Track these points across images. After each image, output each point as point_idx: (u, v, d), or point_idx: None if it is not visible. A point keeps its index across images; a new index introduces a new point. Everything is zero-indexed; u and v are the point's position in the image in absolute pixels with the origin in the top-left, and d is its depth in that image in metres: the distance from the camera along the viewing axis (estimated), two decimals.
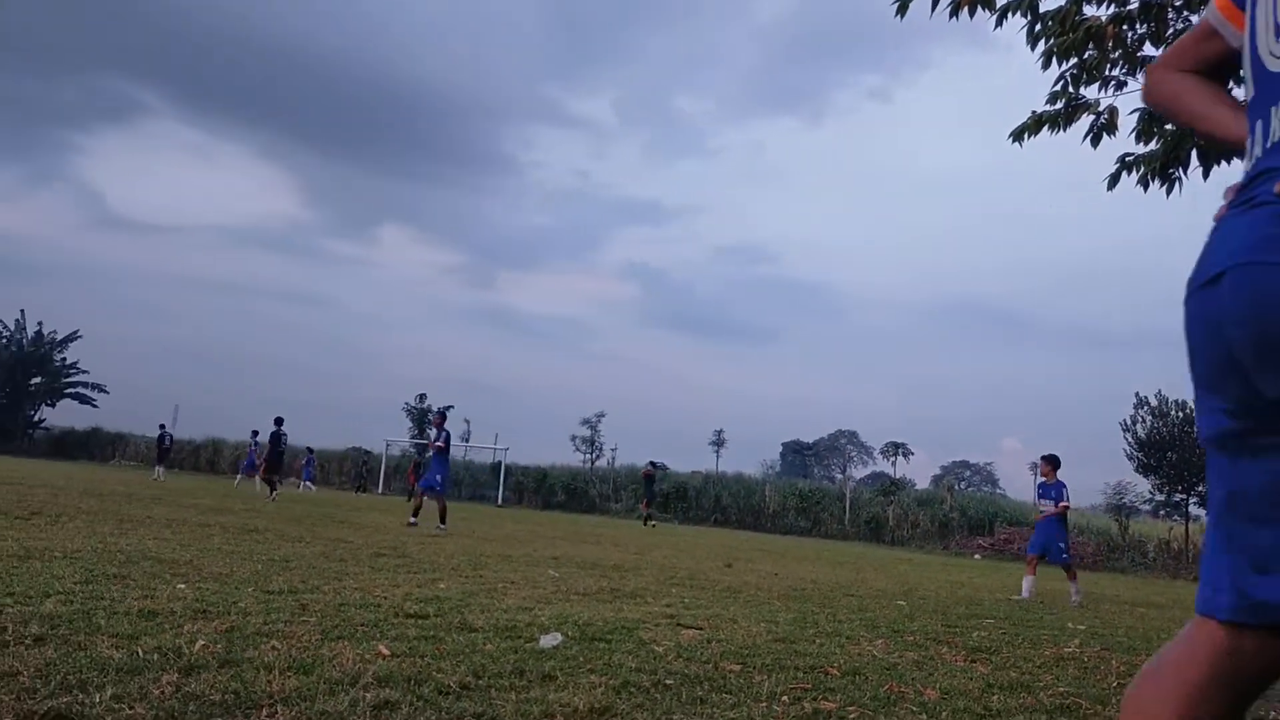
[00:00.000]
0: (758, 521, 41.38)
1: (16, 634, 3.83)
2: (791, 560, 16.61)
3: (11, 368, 60.19)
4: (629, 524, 31.94)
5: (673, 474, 47.40)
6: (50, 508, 11.53)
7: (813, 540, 33.37)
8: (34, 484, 17.83)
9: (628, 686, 3.86)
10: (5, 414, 58.03)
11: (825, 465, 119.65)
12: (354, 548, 9.94)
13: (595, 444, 55.36)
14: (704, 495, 43.93)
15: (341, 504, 24.47)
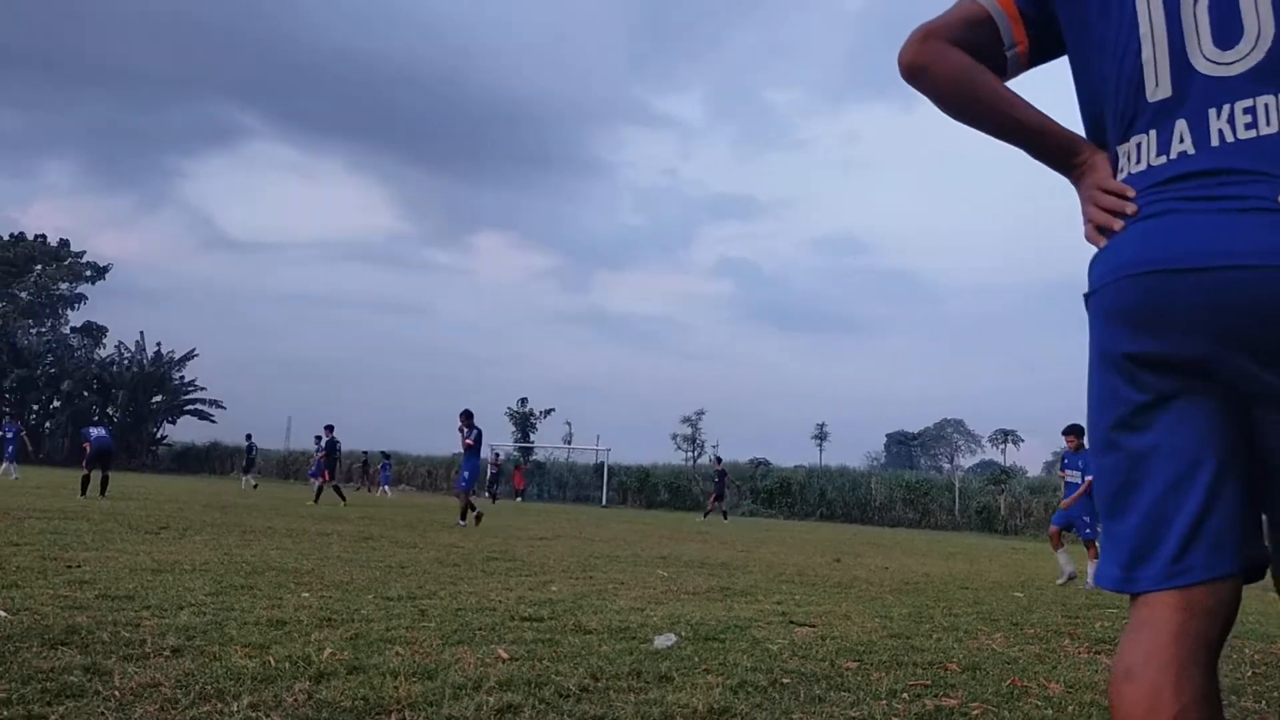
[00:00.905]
0: (864, 515, 40.91)
1: (155, 646, 4.01)
2: (901, 553, 16.38)
3: (134, 387, 62.79)
4: (734, 521, 31.87)
5: (775, 469, 47.17)
6: (177, 522, 12.03)
7: (922, 532, 32.83)
8: (160, 499, 18.62)
9: (745, 686, 3.87)
10: (130, 432, 60.52)
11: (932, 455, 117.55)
12: (466, 553, 10.14)
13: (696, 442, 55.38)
14: (808, 490, 43.60)
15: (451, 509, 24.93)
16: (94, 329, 69.71)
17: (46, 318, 69.47)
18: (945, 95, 1.73)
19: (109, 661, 3.65)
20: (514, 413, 55.66)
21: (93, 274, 71.71)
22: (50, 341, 64.91)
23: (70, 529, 9.77)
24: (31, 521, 10.42)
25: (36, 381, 61.36)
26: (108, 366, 64.55)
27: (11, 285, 68.63)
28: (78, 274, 71.22)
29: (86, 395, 62.63)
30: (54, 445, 62.49)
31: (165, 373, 64.46)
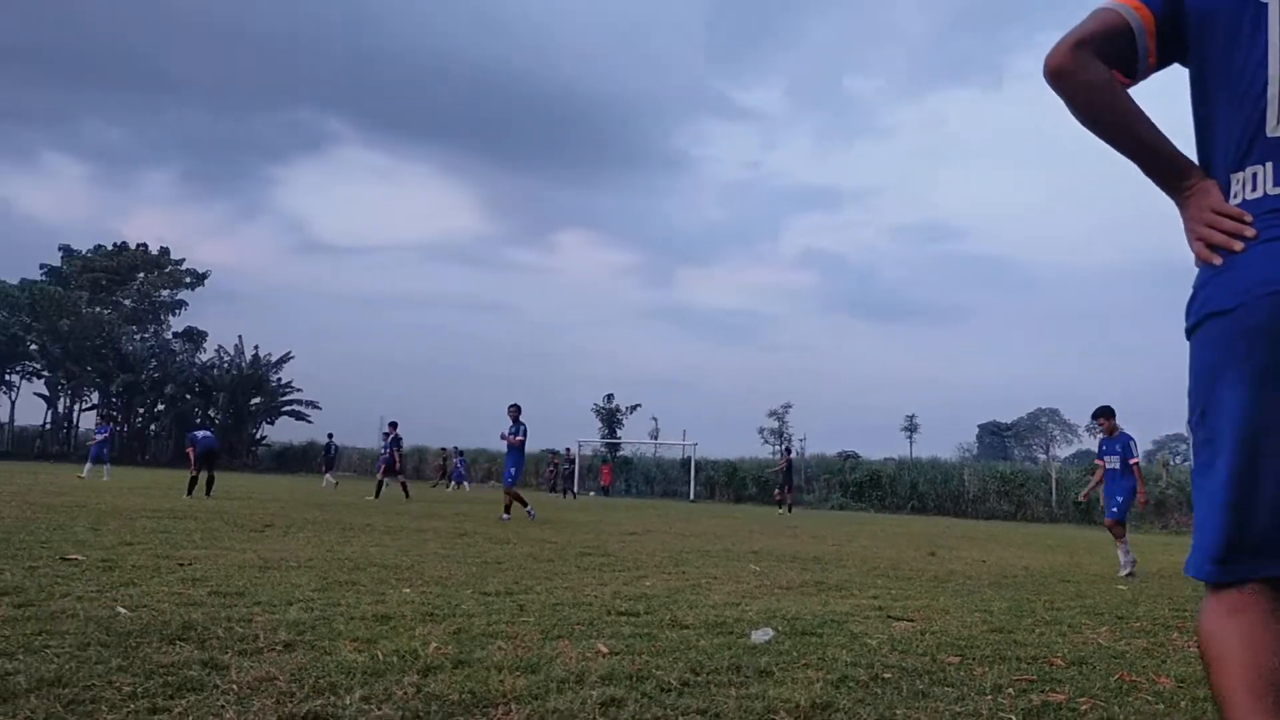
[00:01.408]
0: (957, 507, 40.18)
1: (268, 640, 4.15)
2: (998, 546, 16.07)
3: (234, 390, 64.70)
4: (823, 515, 31.61)
5: (864, 462, 46.60)
6: (280, 520, 12.38)
7: (1018, 524, 32.15)
8: (262, 498, 19.17)
9: (846, 681, 3.85)
10: (230, 433, 62.37)
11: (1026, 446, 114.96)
12: (559, 548, 10.24)
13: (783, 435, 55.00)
14: (898, 482, 42.96)
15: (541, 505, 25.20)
16: (195, 334, 71.98)
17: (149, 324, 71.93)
18: (1083, 103, 1.83)
19: (225, 656, 3.78)
20: (600, 409, 56.02)
21: (192, 280, 74.02)
22: (154, 347, 67.22)
23: (179, 528, 10.13)
24: (142, 521, 10.82)
25: (141, 386, 63.63)
26: (208, 370, 66.63)
27: (116, 293, 71.25)
28: (178, 281, 73.59)
29: (189, 398, 64.77)
30: (159, 447, 64.80)
31: (263, 375, 66.27)
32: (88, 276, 69.66)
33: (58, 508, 12.39)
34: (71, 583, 5.60)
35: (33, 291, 63.32)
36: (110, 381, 61.77)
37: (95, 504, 13.65)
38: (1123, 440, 11.71)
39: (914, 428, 78.65)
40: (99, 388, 64.64)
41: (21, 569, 6.09)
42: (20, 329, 60.46)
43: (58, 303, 62.29)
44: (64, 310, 62.10)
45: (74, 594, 5.17)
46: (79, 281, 68.48)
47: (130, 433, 65.75)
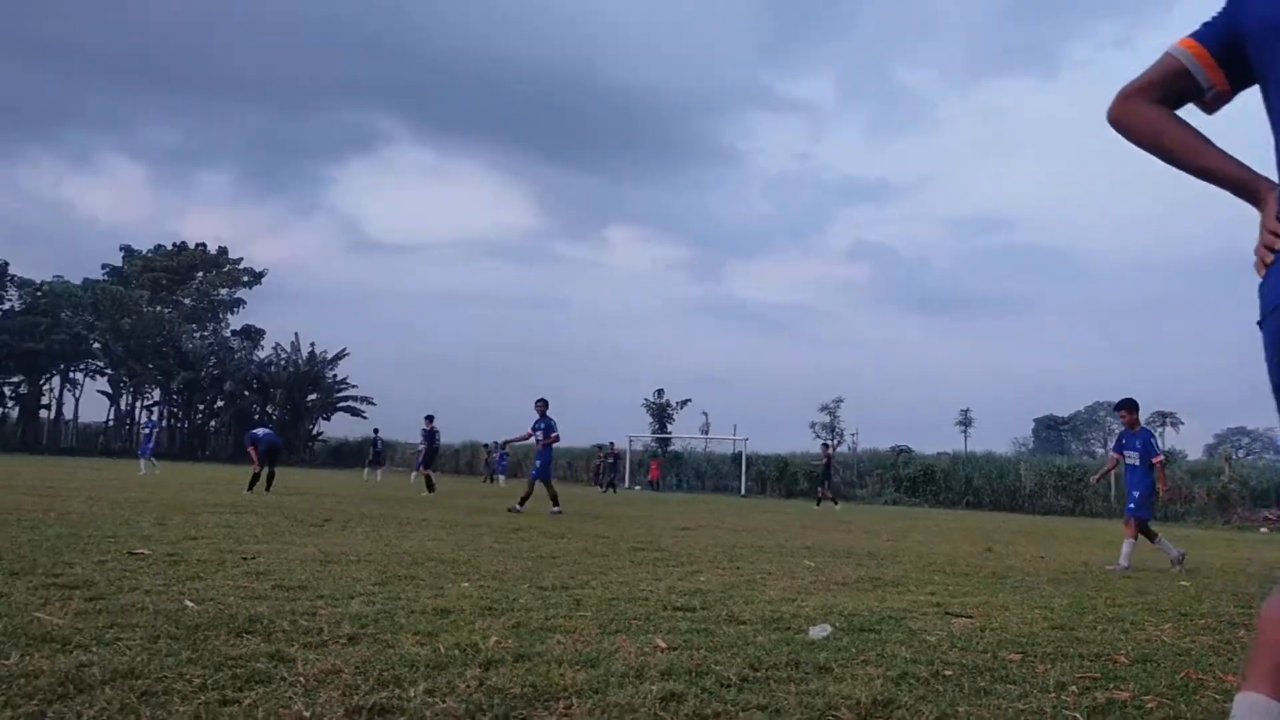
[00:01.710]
0: (1013, 502, 39.70)
1: (332, 633, 4.22)
2: (1056, 541, 15.85)
3: (291, 386, 65.75)
4: (877, 510, 31.40)
5: (918, 456, 46.18)
6: (338, 515, 12.56)
7: (1076, 520, 31.66)
8: (320, 493, 19.46)
9: (906, 678, 3.83)
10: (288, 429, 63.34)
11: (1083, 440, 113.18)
12: (612, 543, 10.28)
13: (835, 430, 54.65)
14: (953, 477, 42.53)
15: (593, 500, 25.30)
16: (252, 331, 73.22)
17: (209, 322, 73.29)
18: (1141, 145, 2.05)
19: (291, 649, 3.85)
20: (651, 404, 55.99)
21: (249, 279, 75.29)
22: (213, 344, 68.49)
23: (241, 523, 10.32)
24: (205, 516, 11.04)
25: (201, 383, 64.86)
26: (266, 367, 67.76)
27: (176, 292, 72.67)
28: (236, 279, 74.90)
29: (247, 395, 65.91)
30: (219, 443, 66.00)
31: (319, 371, 67.26)
32: (148, 276, 71.13)
33: (122, 503, 12.68)
34: (139, 576, 5.74)
35: (95, 291, 64.78)
36: (171, 379, 63.03)
37: (159, 499, 13.95)
38: (1143, 436, 11.43)
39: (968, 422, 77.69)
40: (160, 385, 65.97)
41: (91, 563, 6.25)
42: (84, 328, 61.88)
43: (120, 302, 63.67)
44: (126, 309, 63.45)
45: (142, 588, 5.30)
46: (140, 281, 69.94)
47: (190, 429, 67.07)
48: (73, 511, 10.65)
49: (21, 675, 3.20)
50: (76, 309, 62.29)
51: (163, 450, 28.74)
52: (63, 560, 6.28)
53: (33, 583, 5.26)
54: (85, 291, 64.77)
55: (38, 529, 8.34)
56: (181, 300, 72.73)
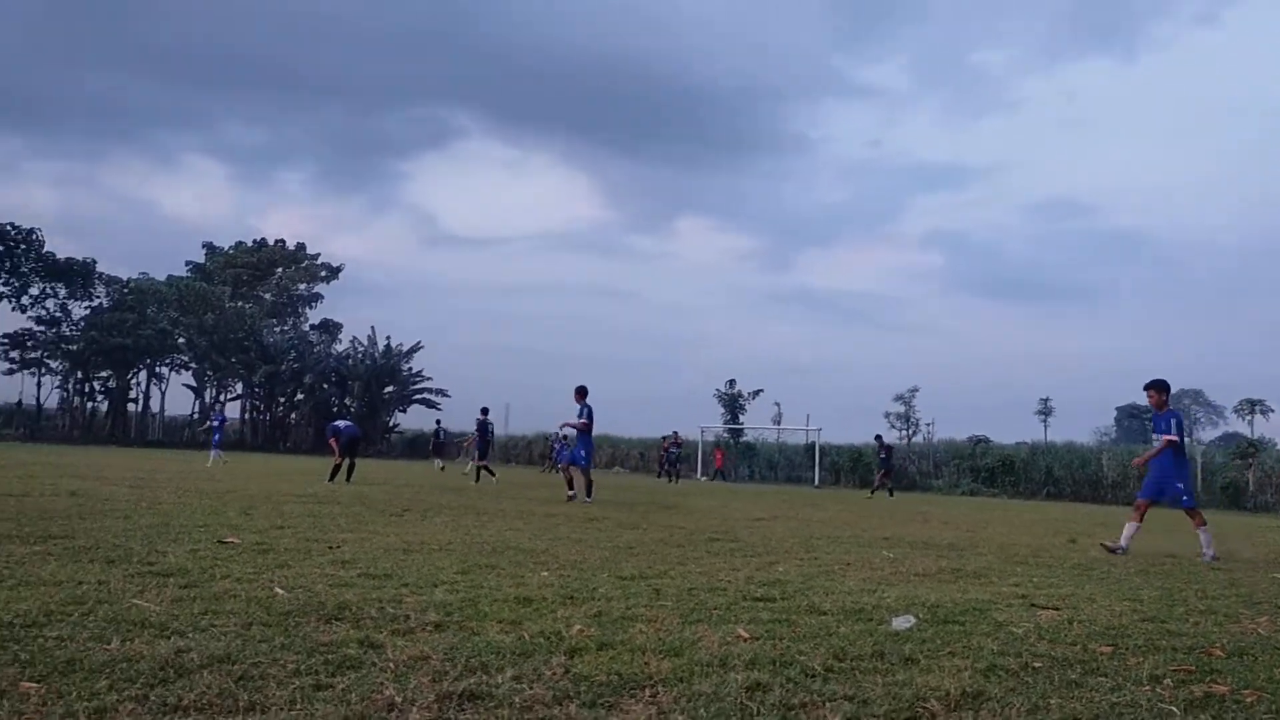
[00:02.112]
0: (1095, 493, 38.85)
1: (418, 621, 4.29)
2: (1142, 533, 15.43)
3: (368, 379, 66.87)
4: (954, 501, 30.94)
5: (996, 446, 45.40)
6: (417, 505, 12.76)
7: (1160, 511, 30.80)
8: (399, 484, 19.76)
9: (995, 670, 3.77)
10: (365, 421, 64.47)
11: None
12: (688, 533, 10.28)
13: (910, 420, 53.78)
14: (1032, 467, 41.74)
15: (665, 491, 25.34)
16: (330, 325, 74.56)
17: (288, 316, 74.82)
18: None
19: (380, 635, 3.93)
20: (722, 394, 55.70)
21: (327, 274, 76.67)
22: (292, 338, 69.92)
23: (325, 512, 10.53)
24: (290, 506, 11.29)
25: (282, 376, 66.29)
26: (344, 360, 68.98)
27: (257, 288, 74.34)
28: (314, 275, 76.33)
29: (326, 388, 67.22)
30: (299, 435, 67.39)
31: (395, 364, 68.28)
32: (230, 272, 72.85)
33: (210, 493, 13.02)
34: (230, 564, 5.89)
35: (180, 288, 66.51)
36: (253, 372, 64.48)
37: (244, 490, 14.30)
38: (1168, 418, 11.00)
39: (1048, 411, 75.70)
40: (242, 378, 67.57)
41: (184, 551, 6.43)
42: (169, 323, 63.55)
43: (203, 298, 65.31)
44: (209, 305, 65.06)
45: (233, 575, 5.44)
46: (222, 277, 71.66)
47: (272, 421, 68.60)
48: (163, 502, 10.97)
49: (123, 660, 3.31)
50: (162, 305, 63.99)
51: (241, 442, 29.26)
52: (156, 549, 6.47)
53: (129, 570, 5.43)
54: (170, 288, 66.53)
55: (130, 519, 8.60)
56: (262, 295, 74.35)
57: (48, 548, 6.26)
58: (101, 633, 3.73)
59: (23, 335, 62.55)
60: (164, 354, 66.50)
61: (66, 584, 4.84)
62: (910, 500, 28.21)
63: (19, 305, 61.43)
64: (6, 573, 5.11)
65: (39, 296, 62.13)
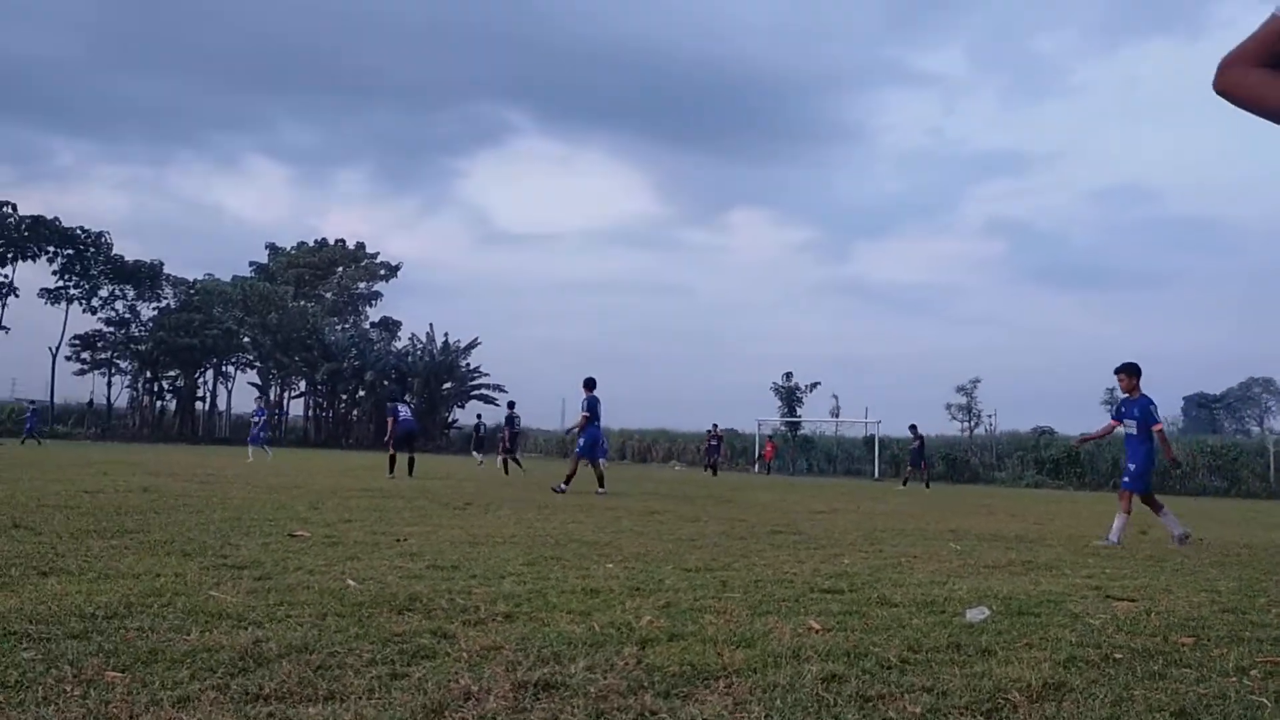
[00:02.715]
0: (1164, 484, 37.93)
1: (489, 612, 4.31)
2: (1214, 523, 15.11)
3: (427, 376, 67.63)
4: (1018, 493, 30.50)
5: (1061, 437, 44.63)
6: (479, 499, 12.86)
7: (1232, 501, 30.15)
8: (460, 478, 19.95)
9: (1074, 661, 3.69)
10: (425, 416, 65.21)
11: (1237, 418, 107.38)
12: (750, 526, 10.24)
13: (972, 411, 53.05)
14: (1098, 459, 40.98)
15: (721, 485, 25.28)
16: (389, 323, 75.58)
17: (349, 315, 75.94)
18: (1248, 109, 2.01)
19: (451, 626, 3.95)
20: (779, 387, 55.41)
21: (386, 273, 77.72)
22: (353, 336, 70.91)
23: (390, 506, 10.66)
24: (356, 500, 11.44)
25: (344, 373, 67.26)
26: (403, 357, 69.83)
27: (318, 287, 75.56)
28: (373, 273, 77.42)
29: (386, 384, 68.05)
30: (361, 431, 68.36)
31: (453, 361, 68.98)
32: (292, 272, 74.12)
33: (278, 488, 13.24)
34: (302, 557, 5.98)
35: (244, 288, 67.75)
36: (315, 370, 65.54)
37: (310, 485, 14.52)
38: (1142, 403, 10.65)
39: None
40: (305, 376, 68.69)
41: (256, 545, 6.54)
42: (234, 323, 64.76)
43: (266, 298, 66.47)
44: (272, 304, 66.19)
45: (305, 567, 5.52)
46: (284, 277, 72.92)
47: (334, 418, 69.65)
48: (233, 497, 11.17)
49: (203, 650, 3.37)
50: (227, 305, 65.22)
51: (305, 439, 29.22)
52: (229, 542, 6.59)
53: (204, 563, 5.53)
54: (234, 288, 67.80)
55: (203, 514, 8.77)
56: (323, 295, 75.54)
57: (124, 542, 6.40)
58: (181, 624, 3.80)
59: (93, 336, 64.19)
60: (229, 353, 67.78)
61: (145, 576, 4.94)
62: (973, 493, 27.86)
63: (89, 307, 63.07)
64: (86, 566, 5.23)
65: (108, 298, 63.74)
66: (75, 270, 61.78)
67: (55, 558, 5.49)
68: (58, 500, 9.51)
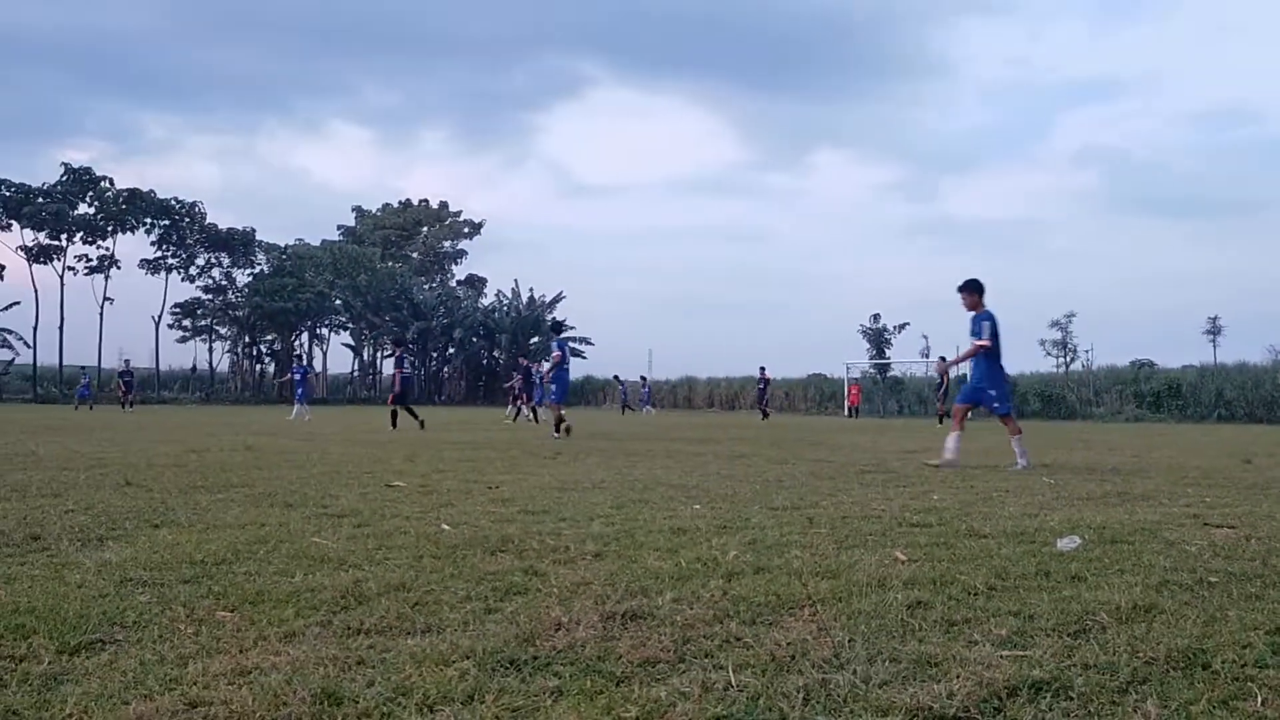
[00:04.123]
0: (1270, 414, 36.79)
1: (578, 551, 4.41)
2: None
3: (514, 331, 68.52)
4: (1117, 428, 29.79)
5: (1161, 370, 43.39)
6: (569, 448, 13.05)
7: None
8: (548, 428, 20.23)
9: (1167, 584, 3.65)
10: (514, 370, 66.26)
11: None
12: (837, 466, 10.22)
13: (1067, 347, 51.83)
14: (1201, 390, 39.80)
15: (813, 428, 25.20)
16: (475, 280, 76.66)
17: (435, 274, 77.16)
18: None
19: (542, 564, 4.06)
20: (867, 329, 54.82)
21: (470, 230, 78.72)
22: (441, 295, 72.11)
23: (481, 457, 10.90)
24: (448, 452, 11.72)
25: (433, 331, 68.50)
26: (490, 314, 70.83)
27: (404, 247, 76.81)
28: (457, 232, 78.46)
29: (475, 341, 69.14)
30: (453, 387, 69.70)
31: (538, 315, 69.72)
32: (379, 234, 75.49)
33: (373, 444, 13.63)
34: (398, 505, 6.17)
35: (333, 251, 69.27)
36: (405, 329, 66.89)
37: (404, 439, 14.90)
38: (976, 319, 10.22)
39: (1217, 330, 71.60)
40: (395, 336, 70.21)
41: (355, 495, 6.77)
42: (325, 286, 66.31)
43: (356, 260, 67.85)
44: (361, 266, 67.56)
45: (402, 514, 5.70)
46: (372, 239, 74.33)
47: (426, 375, 71.08)
48: (332, 452, 11.54)
49: (307, 590, 3.53)
50: (318, 269, 66.78)
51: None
52: (329, 494, 6.83)
53: (306, 513, 5.76)
54: (324, 252, 69.34)
55: (304, 468, 9.08)
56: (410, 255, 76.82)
57: (230, 495, 6.68)
58: (285, 567, 3.98)
59: (193, 304, 66.38)
60: (322, 315, 69.51)
61: (250, 526, 5.16)
62: (1070, 429, 27.30)
63: (187, 275, 65.18)
64: (196, 518, 5.48)
65: (205, 266, 65.79)
66: (172, 240, 63.83)
67: (166, 511, 5.77)
68: (166, 460, 9.94)
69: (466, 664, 2.62)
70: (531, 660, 2.68)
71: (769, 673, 2.56)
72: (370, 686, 2.44)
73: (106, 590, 3.52)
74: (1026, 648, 2.79)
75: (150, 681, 2.47)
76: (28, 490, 6.81)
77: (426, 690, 2.41)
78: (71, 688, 2.43)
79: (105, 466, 8.92)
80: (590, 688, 2.46)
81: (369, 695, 2.38)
